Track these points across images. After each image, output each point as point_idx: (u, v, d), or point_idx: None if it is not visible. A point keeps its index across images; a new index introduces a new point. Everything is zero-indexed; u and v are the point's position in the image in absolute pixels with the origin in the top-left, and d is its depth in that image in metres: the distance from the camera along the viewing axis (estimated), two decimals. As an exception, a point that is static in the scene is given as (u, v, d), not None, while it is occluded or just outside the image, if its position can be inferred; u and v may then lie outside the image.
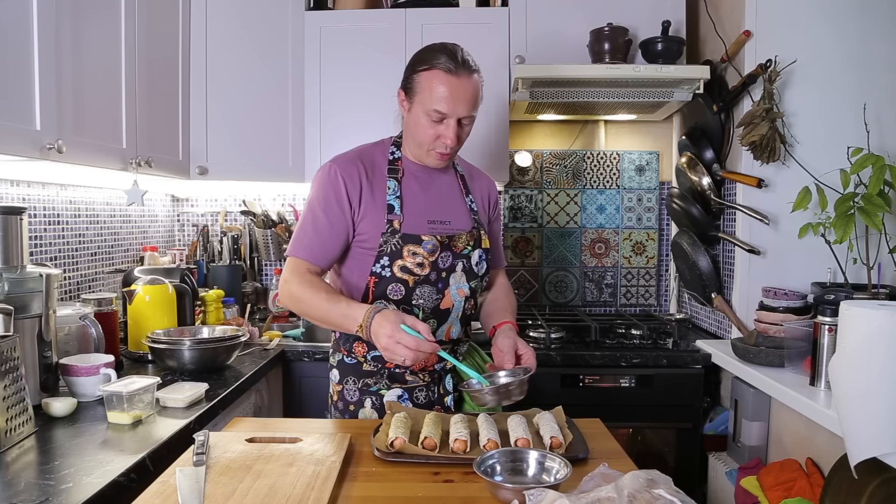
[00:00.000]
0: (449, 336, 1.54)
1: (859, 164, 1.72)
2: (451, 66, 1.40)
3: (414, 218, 1.49)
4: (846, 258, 1.88)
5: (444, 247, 1.49)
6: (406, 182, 1.52)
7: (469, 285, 1.53)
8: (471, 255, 1.53)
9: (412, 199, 1.51)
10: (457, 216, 1.55)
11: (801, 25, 2.06)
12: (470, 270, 1.53)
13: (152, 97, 2.05)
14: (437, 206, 1.54)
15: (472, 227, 1.56)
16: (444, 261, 1.49)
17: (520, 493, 0.95)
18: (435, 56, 1.42)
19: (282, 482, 1.02)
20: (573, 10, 2.41)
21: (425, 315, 1.49)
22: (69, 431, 1.29)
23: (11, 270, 1.41)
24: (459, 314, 1.53)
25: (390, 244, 1.46)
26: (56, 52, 1.52)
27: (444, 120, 1.42)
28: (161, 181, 2.28)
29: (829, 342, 1.60)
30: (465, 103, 1.42)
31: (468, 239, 1.53)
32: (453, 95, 1.40)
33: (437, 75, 1.40)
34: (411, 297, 1.48)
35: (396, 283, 1.47)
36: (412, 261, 1.46)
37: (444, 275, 1.50)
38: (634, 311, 2.81)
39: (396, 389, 1.52)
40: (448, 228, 1.52)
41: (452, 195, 1.58)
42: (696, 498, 1.41)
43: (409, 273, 1.46)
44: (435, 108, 1.41)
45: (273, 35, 2.45)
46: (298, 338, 2.38)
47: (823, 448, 1.59)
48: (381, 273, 1.47)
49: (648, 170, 2.81)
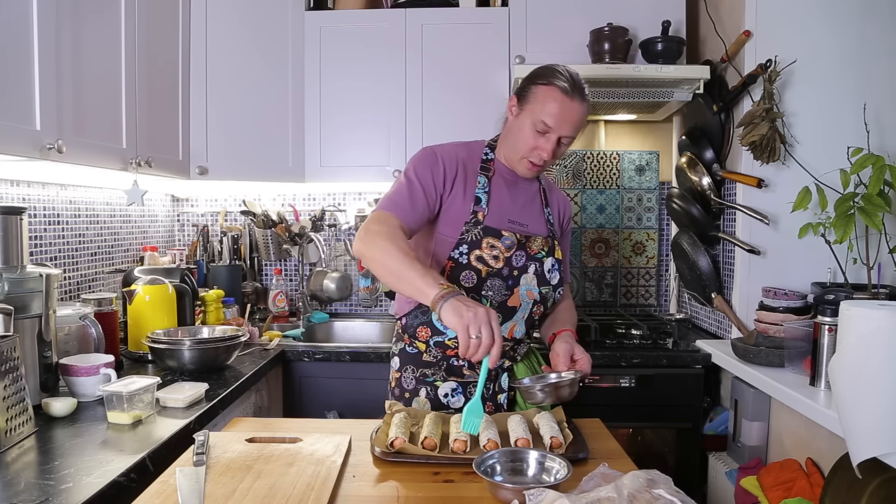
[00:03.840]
0: (512, 334, 1.56)
1: (859, 164, 1.72)
2: (567, 88, 1.47)
3: (497, 214, 1.55)
4: (846, 258, 1.88)
5: (520, 245, 1.54)
6: (495, 181, 1.59)
7: (539, 290, 1.56)
8: (544, 260, 1.57)
9: (498, 197, 1.57)
10: (535, 222, 1.61)
11: (801, 25, 2.06)
12: (542, 276, 1.57)
13: (152, 97, 2.05)
14: (519, 209, 1.59)
15: (548, 234, 1.62)
16: (518, 259, 1.54)
17: (520, 493, 0.95)
18: (556, 75, 1.49)
19: (282, 482, 1.02)
20: (573, 10, 2.41)
21: (493, 308, 1.50)
22: (69, 431, 1.29)
23: (11, 270, 1.41)
24: (526, 315, 1.56)
25: (472, 233, 1.52)
26: (56, 52, 1.52)
27: (547, 134, 1.48)
28: (161, 181, 2.28)
29: (829, 342, 1.60)
30: (571, 124, 1.49)
31: (543, 244, 1.58)
32: (563, 114, 1.47)
33: (553, 92, 1.47)
34: (482, 287, 1.51)
35: (471, 270, 1.51)
36: (489, 252, 1.51)
37: (516, 273, 1.53)
38: (634, 311, 2.81)
39: (451, 382, 1.55)
40: (526, 230, 1.57)
41: (534, 203, 1.63)
42: (696, 498, 1.41)
43: (483, 264, 1.51)
44: (543, 119, 1.47)
45: (273, 35, 2.45)
46: (298, 338, 2.38)
47: (823, 448, 1.59)
48: (458, 259, 1.51)
49: (648, 170, 2.81)
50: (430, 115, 2.47)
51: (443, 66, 2.47)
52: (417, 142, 2.45)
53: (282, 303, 2.73)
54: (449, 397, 1.54)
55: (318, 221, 2.80)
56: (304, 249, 2.78)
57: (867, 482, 1.30)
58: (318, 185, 2.71)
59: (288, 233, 2.76)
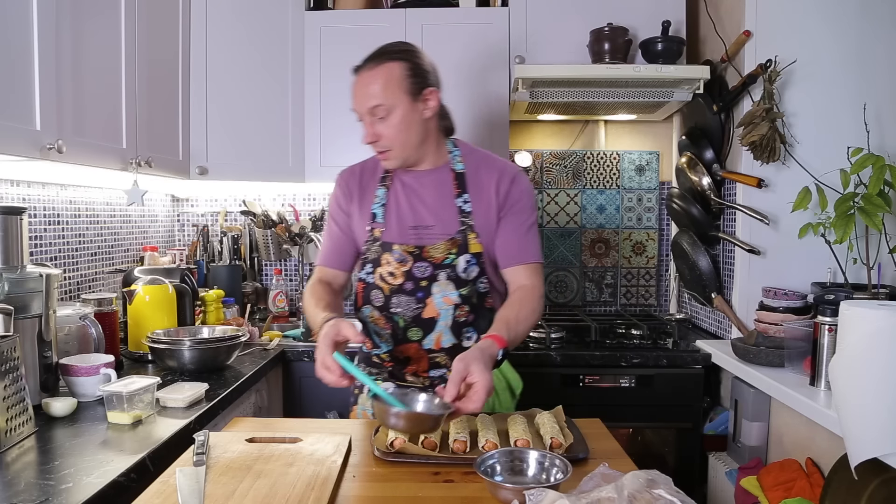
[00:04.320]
0: (440, 345, 1.50)
1: (859, 164, 1.72)
2: (358, 66, 1.43)
3: (395, 226, 1.51)
4: (846, 258, 1.88)
5: (417, 257, 1.46)
6: (394, 189, 1.54)
7: (458, 293, 1.48)
8: (455, 262, 1.47)
9: (396, 207, 1.52)
10: (441, 220, 1.49)
11: (801, 25, 2.06)
12: (457, 278, 1.47)
13: (152, 97, 2.05)
14: (422, 211, 1.51)
15: (459, 230, 1.48)
16: (422, 271, 1.47)
17: (520, 493, 0.95)
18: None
19: (282, 482, 1.02)
20: (573, 10, 2.41)
21: (406, 323, 1.49)
22: (69, 431, 1.29)
23: (11, 270, 1.41)
24: (449, 323, 1.49)
25: (372, 251, 1.51)
26: (56, 52, 1.52)
27: (361, 118, 1.45)
28: (161, 181, 2.28)
29: (829, 342, 1.60)
30: (364, 96, 1.41)
31: (449, 246, 1.47)
32: (356, 93, 1.43)
33: (352, 81, 1.45)
34: (389, 305, 1.50)
35: (377, 289, 1.51)
36: (386, 269, 1.49)
37: (425, 284, 1.47)
38: (634, 311, 2.81)
39: (390, 384, 1.53)
40: (430, 234, 1.49)
41: (440, 198, 1.51)
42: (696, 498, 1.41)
43: (384, 281, 1.50)
44: (352, 109, 1.45)
45: (273, 35, 2.45)
46: (298, 338, 2.38)
47: (823, 448, 1.59)
48: (366, 279, 1.53)
49: (648, 170, 2.81)
50: (430, 115, 2.47)
51: (443, 66, 2.45)
52: (417, 142, 2.45)
53: (282, 303, 2.73)
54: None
55: (318, 221, 2.80)
56: (304, 249, 2.77)
57: (867, 482, 1.30)
58: (318, 185, 2.71)
59: (288, 233, 2.75)
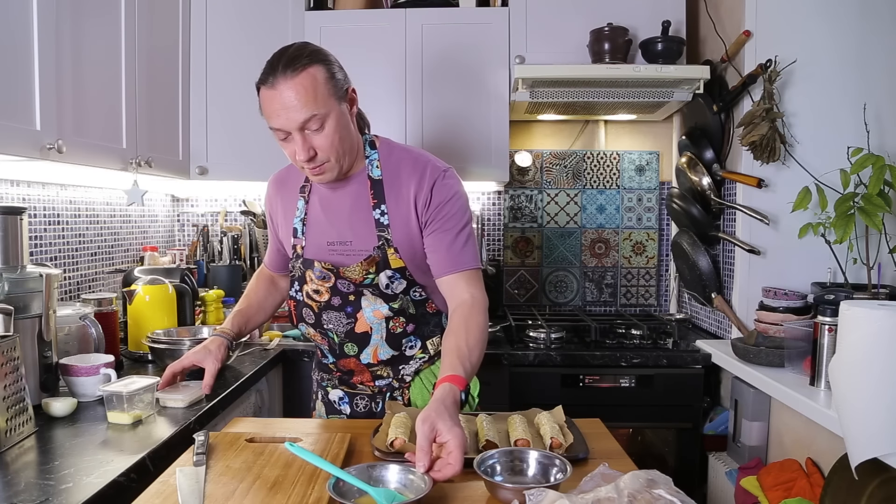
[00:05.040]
0: (377, 358, 1.44)
1: (859, 164, 1.72)
2: (266, 79, 1.25)
3: (315, 241, 1.43)
4: (846, 258, 1.88)
5: (337, 275, 1.38)
6: (312, 202, 1.44)
7: (389, 305, 1.39)
8: (376, 280, 1.38)
9: (314, 221, 1.43)
10: (359, 235, 1.38)
11: (801, 25, 2.06)
12: (382, 293, 1.39)
13: (152, 97, 2.05)
14: (338, 225, 1.40)
15: (376, 245, 1.37)
16: (346, 286, 1.39)
17: (520, 493, 0.95)
18: (261, 72, 1.28)
19: (282, 482, 1.02)
20: (573, 10, 2.41)
21: (341, 339, 1.45)
22: (69, 431, 1.29)
23: (11, 270, 1.41)
24: (383, 335, 1.42)
25: (296, 269, 1.45)
26: (56, 52, 1.52)
27: (288, 136, 1.28)
28: (161, 181, 2.28)
29: (829, 342, 1.60)
30: (294, 110, 1.23)
31: (366, 266, 1.36)
32: (276, 108, 1.25)
33: (262, 94, 1.27)
34: (321, 321, 1.45)
35: (307, 307, 1.46)
36: (311, 287, 1.42)
37: (353, 298, 1.39)
38: (634, 311, 2.81)
39: (339, 391, 1.56)
40: (348, 250, 1.39)
41: (357, 210, 1.39)
42: (696, 498, 1.41)
43: (311, 299, 1.44)
44: (272, 127, 1.28)
45: (273, 35, 2.45)
46: (298, 338, 2.37)
47: (823, 448, 1.59)
48: (295, 297, 1.48)
49: (648, 170, 2.81)
50: (429, 114, 2.47)
51: (443, 66, 2.47)
52: (417, 142, 2.45)
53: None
54: (337, 404, 1.56)
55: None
56: (304, 249, 2.77)
57: (867, 482, 1.30)
58: (318, 185, 2.71)
59: (288, 233, 2.75)
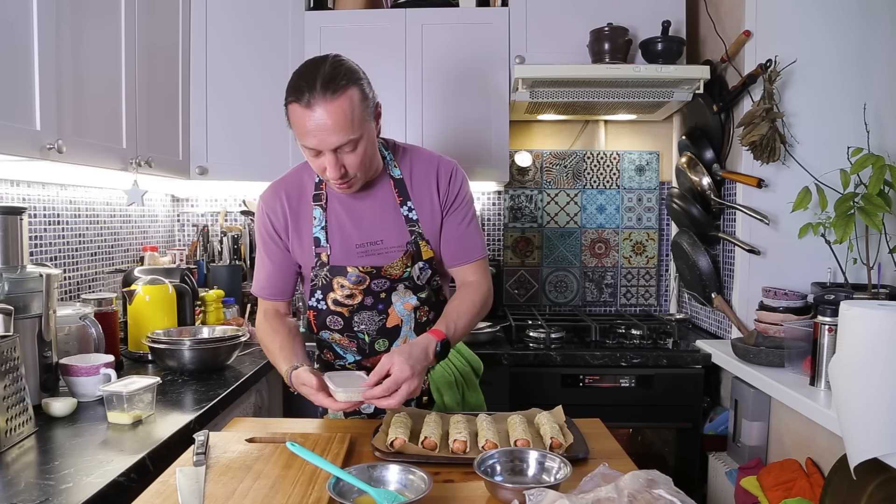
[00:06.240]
0: None
1: (859, 164, 1.72)
2: (303, 98, 1.24)
3: (342, 246, 1.43)
4: (846, 258, 1.88)
5: (374, 276, 1.42)
6: (331, 208, 1.44)
7: (417, 296, 1.46)
8: (411, 273, 1.44)
9: (338, 227, 1.43)
10: (389, 233, 1.43)
11: (801, 25, 2.06)
12: (414, 285, 1.46)
13: (152, 97, 2.05)
14: (367, 227, 1.43)
15: (409, 241, 1.43)
16: (381, 284, 1.43)
17: (520, 493, 0.95)
18: (292, 85, 1.27)
19: (282, 482, 1.02)
20: (573, 10, 2.41)
21: (372, 338, 1.47)
22: (69, 431, 1.29)
23: (11, 270, 1.41)
24: (412, 325, 1.47)
25: (320, 278, 1.44)
26: (56, 52, 1.52)
27: (320, 154, 1.29)
28: (161, 181, 2.28)
29: (829, 342, 1.60)
30: (330, 134, 1.24)
31: (404, 261, 1.42)
32: (312, 129, 1.25)
33: (294, 111, 1.26)
34: (352, 324, 1.46)
35: (333, 315, 1.46)
36: (341, 293, 1.43)
37: (384, 295, 1.44)
38: (634, 311, 2.81)
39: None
40: (380, 249, 1.43)
41: (384, 210, 1.44)
42: (696, 498, 1.41)
43: (341, 305, 1.44)
44: (302, 143, 1.29)
45: (273, 35, 2.45)
46: (298, 338, 2.37)
47: (823, 448, 1.59)
48: (317, 307, 1.47)
49: (648, 170, 2.81)
50: (429, 115, 2.47)
51: (443, 66, 2.47)
52: (417, 141, 2.45)
53: (282, 303, 2.73)
54: None
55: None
56: (304, 249, 2.77)
57: (867, 482, 1.30)
58: (318, 185, 2.71)
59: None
